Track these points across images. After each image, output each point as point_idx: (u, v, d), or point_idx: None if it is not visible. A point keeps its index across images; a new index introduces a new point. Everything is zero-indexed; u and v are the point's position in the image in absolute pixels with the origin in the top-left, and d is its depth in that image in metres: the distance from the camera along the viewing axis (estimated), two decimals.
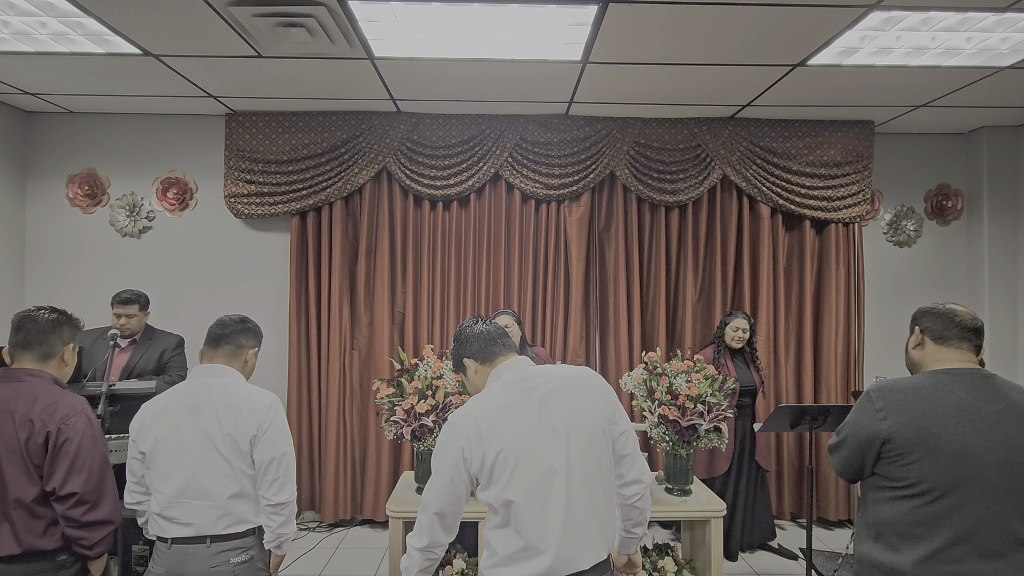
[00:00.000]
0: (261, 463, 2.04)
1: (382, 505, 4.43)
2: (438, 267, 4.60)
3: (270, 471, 2.04)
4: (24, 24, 3.10)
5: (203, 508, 1.99)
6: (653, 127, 4.57)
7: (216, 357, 2.16)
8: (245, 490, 2.04)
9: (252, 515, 2.06)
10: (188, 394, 2.08)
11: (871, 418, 1.68)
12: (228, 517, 2.01)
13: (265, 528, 2.09)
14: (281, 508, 2.07)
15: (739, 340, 3.97)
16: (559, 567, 1.58)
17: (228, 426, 2.01)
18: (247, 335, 2.21)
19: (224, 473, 2.00)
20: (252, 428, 2.02)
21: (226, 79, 3.86)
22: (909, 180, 4.90)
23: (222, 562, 1.99)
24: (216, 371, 2.13)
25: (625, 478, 1.79)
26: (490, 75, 3.75)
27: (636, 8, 2.84)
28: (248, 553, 2.04)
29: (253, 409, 2.05)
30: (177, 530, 1.99)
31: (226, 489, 2.00)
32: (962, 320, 1.73)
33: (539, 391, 1.69)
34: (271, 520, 2.07)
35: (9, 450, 1.86)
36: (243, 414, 2.03)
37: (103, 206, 4.64)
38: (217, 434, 2.01)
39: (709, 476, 3.89)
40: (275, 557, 2.16)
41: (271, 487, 2.04)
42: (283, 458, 2.06)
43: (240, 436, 2.02)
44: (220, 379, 2.11)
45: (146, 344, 3.74)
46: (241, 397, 2.07)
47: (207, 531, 1.99)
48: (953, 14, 2.89)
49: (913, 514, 1.61)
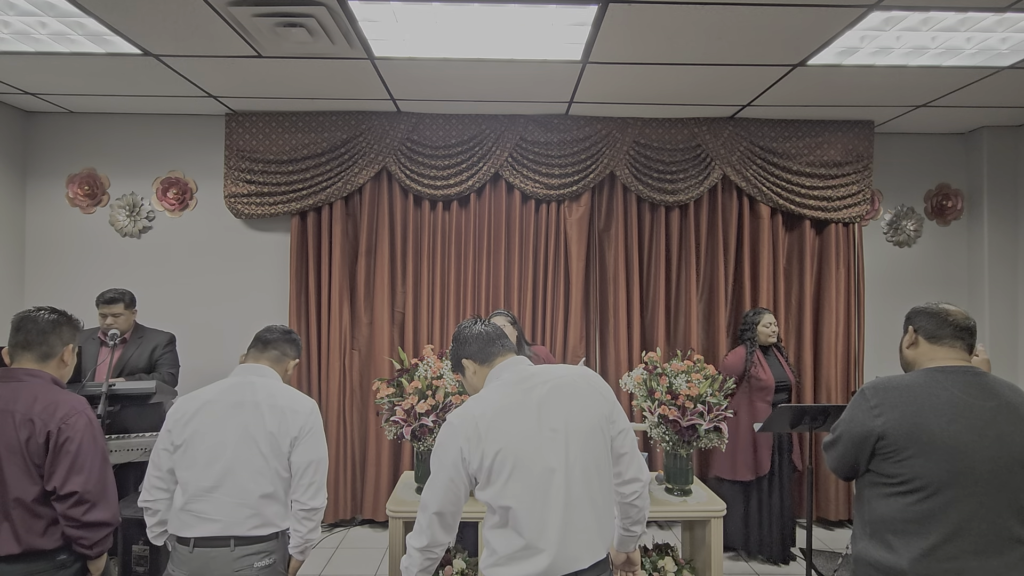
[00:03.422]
0: (299, 466, 2.04)
1: (382, 505, 4.43)
2: (438, 267, 4.60)
3: (307, 475, 2.05)
4: (24, 24, 3.10)
5: (233, 505, 1.98)
6: (653, 127, 4.57)
7: (261, 359, 2.20)
8: (277, 492, 2.04)
9: (279, 519, 2.06)
10: (231, 390, 2.09)
11: (865, 415, 1.69)
12: (256, 518, 2.00)
13: (293, 532, 2.09)
14: (313, 513, 2.07)
15: (772, 336, 3.95)
16: (558, 566, 1.59)
17: (271, 425, 2.03)
18: (292, 345, 2.28)
19: (260, 471, 2.01)
20: (294, 429, 2.04)
21: (226, 79, 3.86)
22: (909, 180, 4.90)
23: (246, 566, 1.97)
24: (260, 371, 2.16)
25: (623, 476, 1.79)
26: (490, 75, 3.75)
27: (636, 8, 2.84)
28: (271, 557, 2.03)
29: (296, 411, 2.07)
30: (201, 527, 1.97)
31: (259, 487, 2.00)
32: (955, 319, 1.75)
33: (537, 391, 1.69)
34: (301, 525, 2.07)
35: (9, 450, 1.86)
36: (287, 414, 2.05)
37: (103, 206, 4.64)
38: (260, 431, 2.02)
39: (756, 476, 3.86)
40: (295, 562, 2.16)
41: (307, 491, 2.05)
42: (320, 462, 2.08)
43: (282, 436, 2.03)
44: (264, 379, 2.14)
45: (136, 342, 3.73)
46: (285, 397, 2.09)
47: (233, 531, 1.97)
48: (953, 14, 2.89)
49: (908, 511, 1.62)
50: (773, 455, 3.89)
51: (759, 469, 3.86)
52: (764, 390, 3.88)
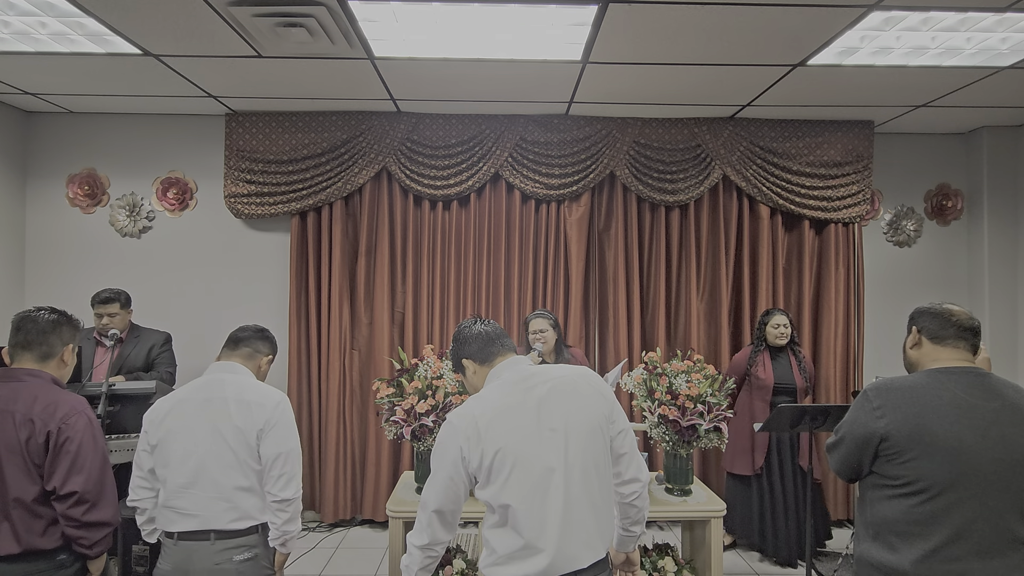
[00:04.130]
0: (267, 458, 2.07)
1: (382, 505, 4.43)
2: (438, 267, 4.60)
3: (276, 466, 2.07)
4: (24, 24, 3.10)
5: (209, 499, 2.02)
6: (653, 127, 4.57)
7: (233, 357, 2.24)
8: (252, 485, 2.07)
9: (258, 512, 2.09)
10: (202, 388, 2.14)
11: (868, 416, 1.69)
12: (233, 511, 2.04)
13: (270, 525, 2.12)
14: (286, 504, 2.09)
15: (781, 337, 3.95)
16: (557, 566, 1.59)
17: (237, 419, 2.06)
18: (264, 342, 2.32)
19: (230, 465, 2.05)
20: (260, 422, 2.07)
21: (226, 79, 3.86)
22: (909, 180, 4.90)
23: (225, 559, 2.02)
24: (230, 367, 2.20)
25: (623, 476, 1.79)
26: (490, 75, 3.75)
27: (636, 8, 2.84)
28: (252, 551, 2.07)
29: (262, 404, 2.10)
30: (183, 522, 2.03)
31: (232, 481, 2.04)
32: (959, 320, 1.74)
33: (537, 390, 1.70)
34: (276, 516, 2.10)
35: (9, 450, 1.86)
36: (252, 408, 2.08)
37: (103, 206, 4.64)
38: (227, 426, 2.06)
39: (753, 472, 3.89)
40: (280, 555, 2.19)
41: (277, 482, 2.08)
42: (289, 454, 2.10)
43: (248, 429, 2.06)
44: (234, 375, 2.18)
45: (133, 342, 3.73)
46: (252, 392, 2.13)
47: (212, 524, 2.02)
48: (953, 14, 2.89)
49: (911, 512, 1.61)
50: (770, 455, 3.91)
51: (754, 465, 3.91)
52: (762, 389, 3.91)
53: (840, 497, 4.62)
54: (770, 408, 3.87)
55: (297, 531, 2.16)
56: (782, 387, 3.92)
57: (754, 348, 4.03)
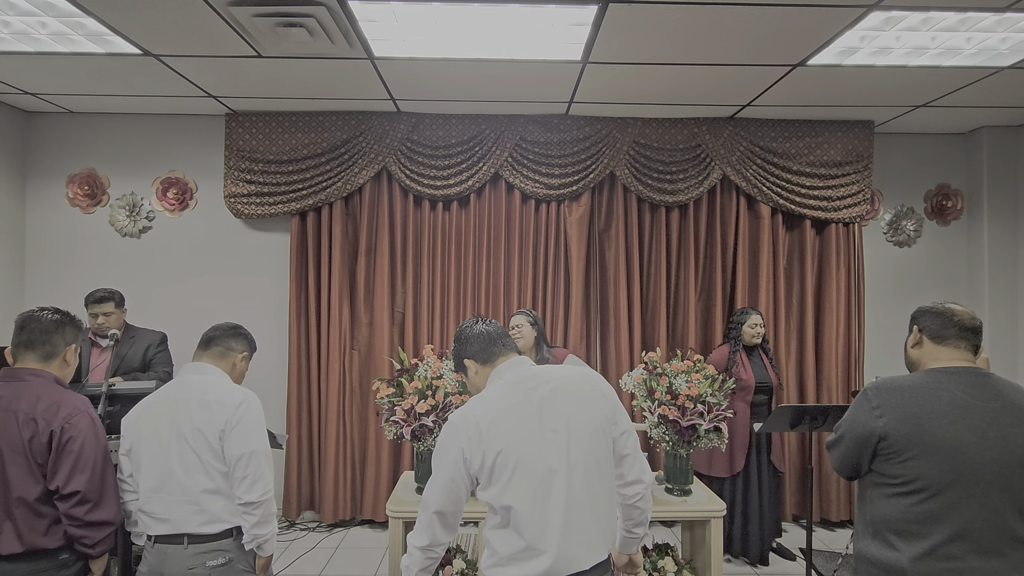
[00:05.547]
0: (231, 459, 2.02)
1: (382, 505, 4.44)
2: (438, 267, 4.60)
3: (239, 468, 2.02)
4: (24, 24, 3.10)
5: (177, 503, 2.00)
6: (653, 127, 4.57)
7: (204, 357, 2.20)
8: (219, 487, 2.03)
9: (228, 514, 2.04)
10: (170, 390, 2.12)
11: (868, 415, 1.69)
12: (204, 514, 2.00)
13: (243, 528, 2.07)
14: (253, 507, 2.03)
15: (757, 336, 3.96)
16: (559, 567, 1.59)
17: (198, 420, 2.02)
18: (237, 340, 2.25)
19: (195, 467, 2.01)
20: (220, 423, 2.02)
21: (226, 79, 3.86)
22: (909, 180, 4.90)
23: (198, 564, 1.98)
24: (200, 368, 2.17)
25: (626, 478, 1.79)
26: (490, 75, 3.75)
27: (636, 8, 2.84)
28: (225, 556, 2.02)
29: (224, 404, 2.04)
30: (157, 526, 2.01)
31: (197, 484, 2.00)
32: (960, 319, 1.74)
33: (539, 391, 1.69)
34: (245, 520, 2.05)
35: (12, 449, 1.87)
36: (213, 408, 2.03)
37: (103, 206, 4.64)
38: (187, 428, 2.02)
39: (731, 474, 3.87)
40: (261, 558, 2.14)
41: (241, 484, 2.02)
42: (252, 455, 2.03)
43: (208, 430, 2.02)
44: (202, 376, 2.14)
45: (129, 342, 3.73)
46: (215, 392, 2.07)
47: (183, 528, 1.99)
48: (953, 14, 2.89)
49: (910, 511, 1.62)
50: (749, 455, 3.89)
51: (734, 467, 3.87)
52: (744, 390, 3.87)
53: (842, 497, 4.62)
54: (750, 408, 3.86)
55: (271, 534, 2.10)
56: (761, 386, 3.91)
57: (733, 348, 3.97)
